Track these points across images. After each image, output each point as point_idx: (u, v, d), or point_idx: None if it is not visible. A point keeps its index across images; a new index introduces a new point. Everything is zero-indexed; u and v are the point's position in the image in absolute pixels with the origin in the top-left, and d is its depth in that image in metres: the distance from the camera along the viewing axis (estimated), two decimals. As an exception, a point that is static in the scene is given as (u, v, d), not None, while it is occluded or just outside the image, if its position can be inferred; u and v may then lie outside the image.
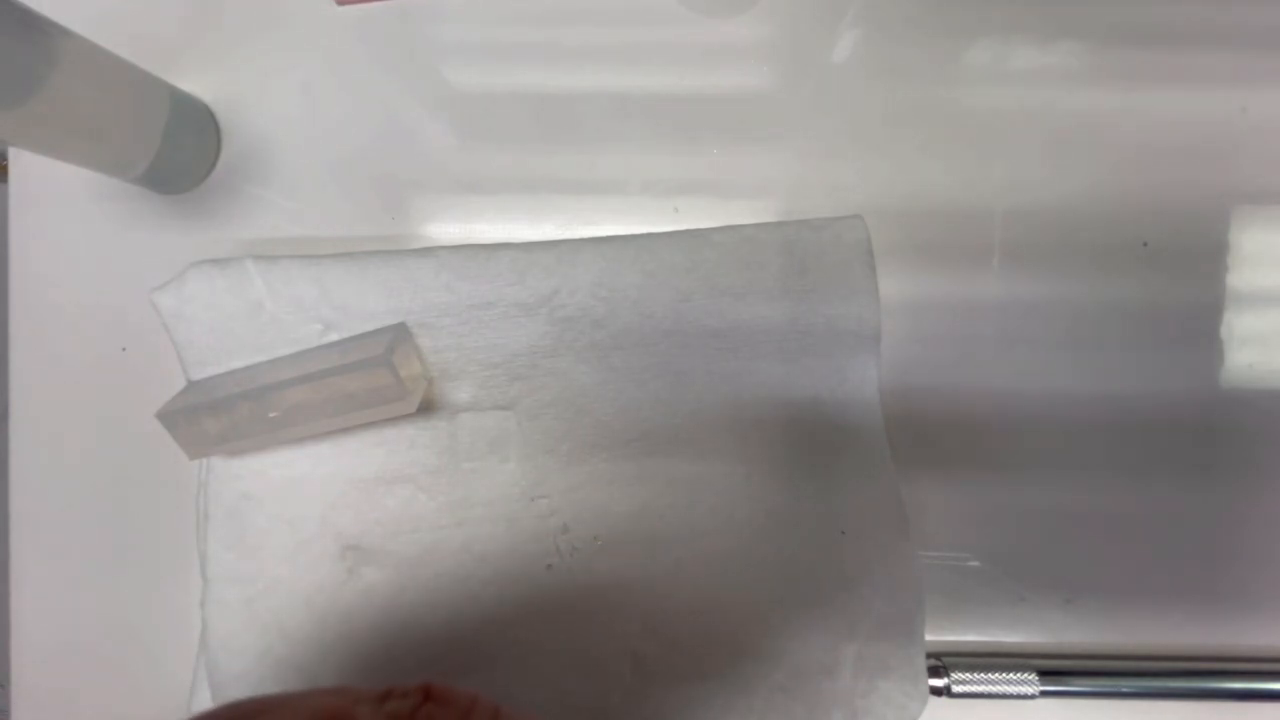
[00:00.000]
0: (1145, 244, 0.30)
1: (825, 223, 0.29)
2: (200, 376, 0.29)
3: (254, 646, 0.28)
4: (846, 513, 0.29)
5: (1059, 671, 0.28)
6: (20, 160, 0.32)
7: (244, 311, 0.29)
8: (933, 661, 0.28)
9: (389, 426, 0.29)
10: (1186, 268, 0.30)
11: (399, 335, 0.28)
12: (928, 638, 0.28)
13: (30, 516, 0.32)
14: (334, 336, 0.29)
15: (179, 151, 0.30)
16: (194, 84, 0.31)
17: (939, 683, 0.28)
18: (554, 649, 0.28)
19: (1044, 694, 0.28)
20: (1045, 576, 0.30)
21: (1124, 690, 0.29)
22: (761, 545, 0.29)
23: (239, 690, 0.28)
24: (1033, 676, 0.28)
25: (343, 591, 0.29)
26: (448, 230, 0.31)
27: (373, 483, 0.29)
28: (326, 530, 0.29)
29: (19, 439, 0.32)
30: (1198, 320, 0.30)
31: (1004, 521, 0.30)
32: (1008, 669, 0.28)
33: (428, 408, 0.29)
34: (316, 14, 0.31)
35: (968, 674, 0.28)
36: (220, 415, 0.27)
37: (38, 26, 0.23)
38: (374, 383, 0.26)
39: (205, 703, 0.29)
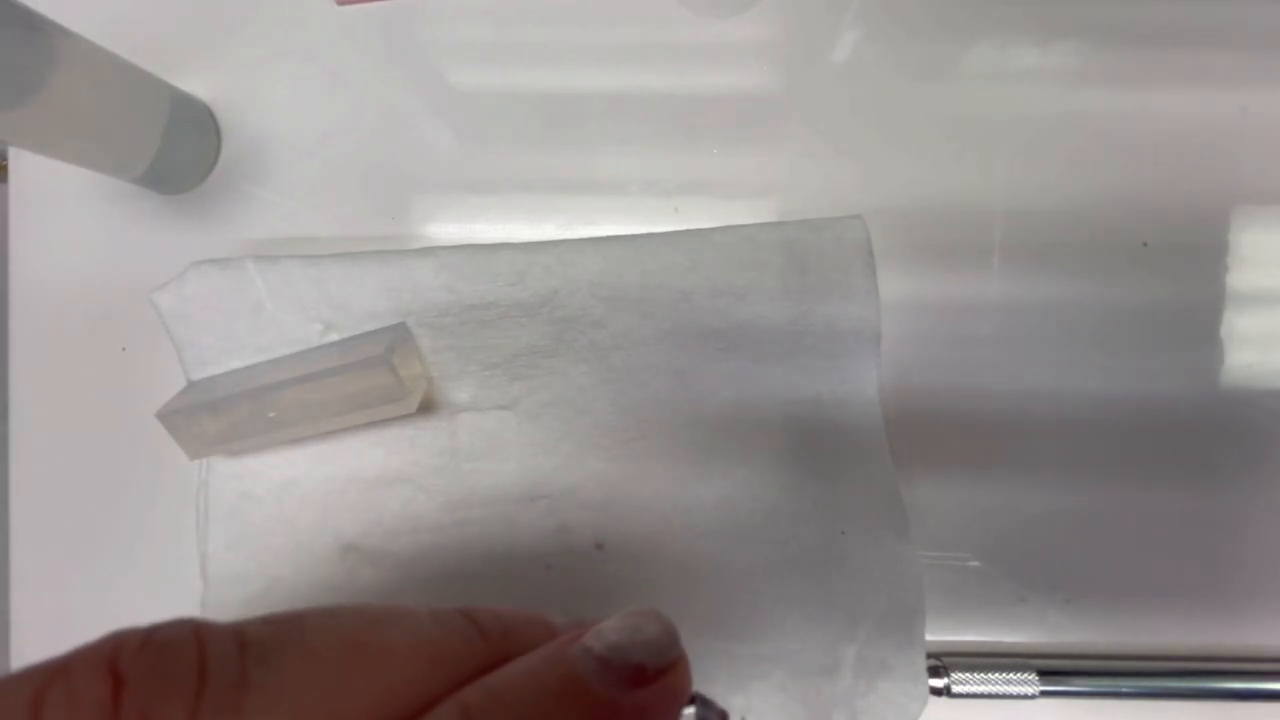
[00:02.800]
0: (1145, 244, 0.30)
1: (825, 223, 0.29)
2: (200, 376, 0.29)
3: (254, 646, 0.28)
4: (846, 513, 0.29)
5: (1059, 671, 0.28)
6: (20, 160, 0.32)
7: (244, 311, 0.29)
8: (933, 661, 0.28)
9: (389, 426, 0.29)
10: (1186, 268, 0.30)
11: (399, 335, 0.28)
12: (928, 638, 0.28)
13: (30, 516, 0.32)
14: (334, 336, 0.29)
15: (179, 151, 0.30)
16: (194, 84, 0.31)
17: (939, 683, 0.28)
18: (554, 649, 0.28)
19: (1044, 694, 0.28)
20: (1045, 576, 0.30)
21: (1124, 690, 0.29)
22: (761, 545, 0.29)
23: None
24: (1033, 676, 0.28)
25: (343, 591, 0.29)
26: (448, 230, 0.31)
27: (373, 483, 0.29)
28: (326, 530, 0.29)
29: (19, 439, 0.32)
30: (1198, 320, 0.30)
31: (1004, 521, 0.30)
32: (1008, 669, 0.28)
33: (428, 408, 0.29)
34: (317, 14, 0.31)
35: (968, 674, 0.28)
36: (220, 415, 0.27)
37: (38, 26, 0.23)
38: (374, 383, 0.26)
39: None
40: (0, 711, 0.09)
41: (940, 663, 0.28)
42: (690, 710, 0.14)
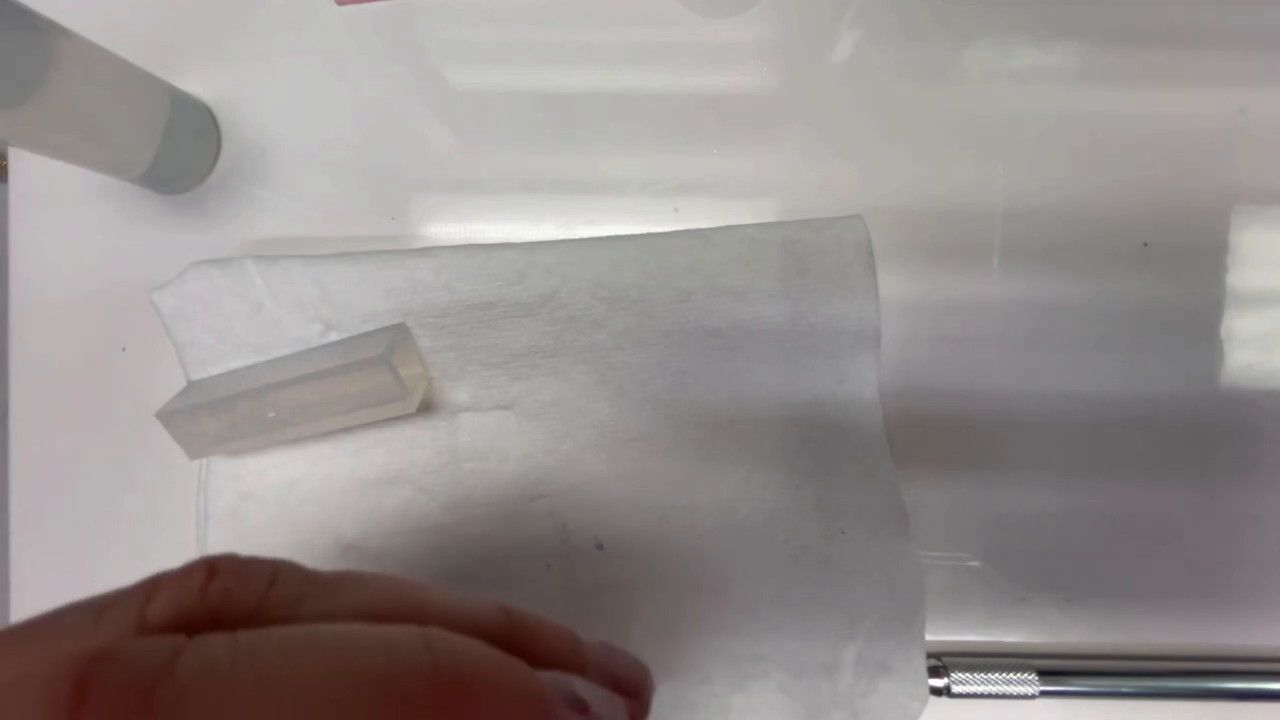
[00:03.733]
0: (1145, 244, 0.30)
1: (825, 223, 0.29)
2: (200, 376, 0.29)
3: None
4: (846, 513, 0.29)
5: (1059, 671, 0.28)
6: (20, 160, 0.32)
7: (244, 311, 0.29)
8: (933, 661, 0.28)
9: (389, 426, 0.29)
10: (1186, 268, 0.30)
11: (399, 335, 0.28)
12: (928, 638, 0.28)
13: (30, 516, 0.32)
14: (334, 336, 0.29)
15: (179, 151, 0.30)
16: (194, 84, 0.31)
17: (939, 683, 0.28)
18: (554, 649, 0.28)
19: (1044, 694, 0.28)
20: (1045, 576, 0.30)
21: (1124, 690, 0.29)
22: (761, 545, 0.29)
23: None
24: (1033, 676, 0.28)
25: (343, 591, 0.29)
26: (448, 230, 0.31)
27: (373, 483, 0.29)
28: (326, 530, 0.29)
29: (19, 439, 0.32)
30: (1198, 320, 0.30)
31: (1004, 521, 0.30)
32: (1008, 669, 0.28)
33: (428, 408, 0.29)
34: (316, 14, 0.31)
35: (968, 674, 0.28)
36: (220, 415, 0.27)
37: (38, 26, 0.23)
38: (374, 383, 0.26)
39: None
40: (131, 591, 0.12)
41: (940, 663, 0.28)
42: None
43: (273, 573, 0.13)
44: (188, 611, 0.12)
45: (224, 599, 0.12)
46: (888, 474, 0.29)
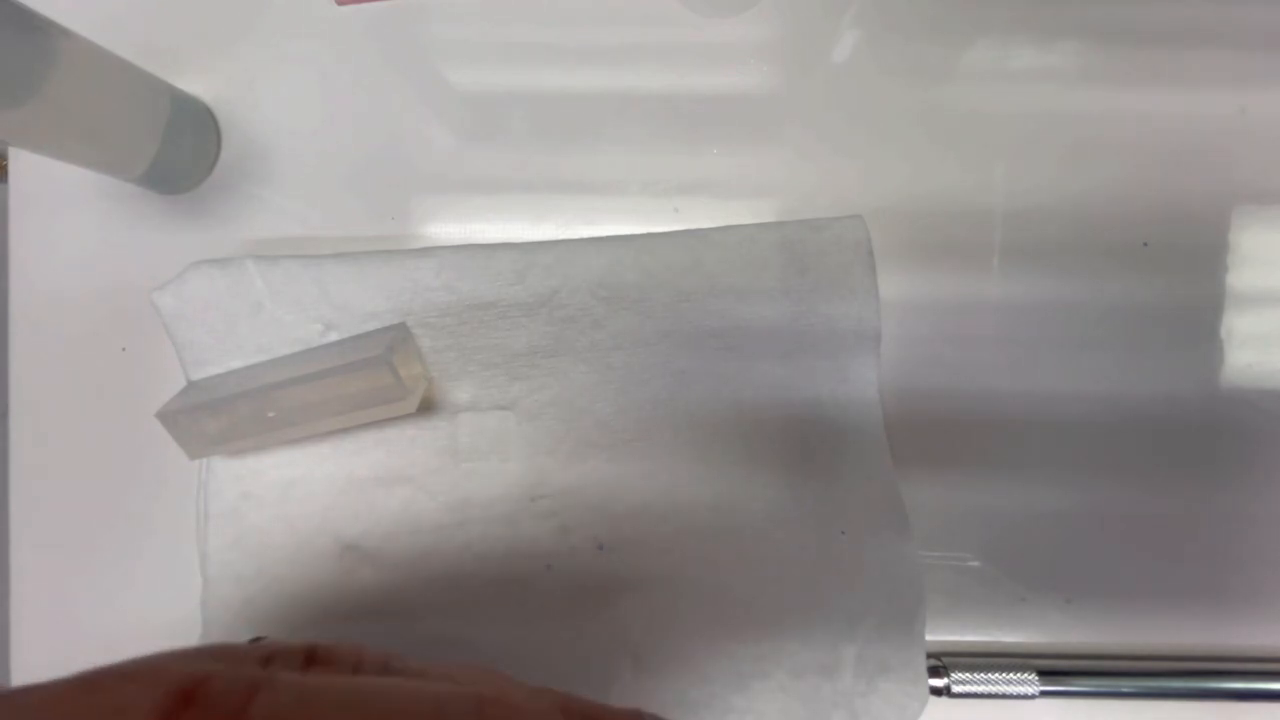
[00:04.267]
0: (1145, 244, 0.30)
1: (825, 223, 0.29)
2: (200, 376, 0.29)
3: (254, 646, 0.28)
4: (846, 513, 0.29)
5: (1059, 671, 0.28)
6: (20, 160, 0.32)
7: (244, 311, 0.29)
8: (933, 661, 0.28)
9: (389, 426, 0.29)
10: (1186, 268, 0.30)
11: (399, 335, 0.28)
12: (928, 638, 0.28)
13: (30, 516, 0.32)
14: (334, 336, 0.29)
15: (179, 151, 0.30)
16: (194, 84, 0.31)
17: (939, 683, 0.28)
18: (553, 649, 0.28)
19: (1044, 694, 0.28)
20: (1045, 576, 0.30)
21: (1124, 690, 0.29)
22: (761, 545, 0.29)
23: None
24: (1033, 676, 0.28)
25: (342, 591, 0.29)
26: (448, 230, 0.31)
27: (372, 483, 0.29)
28: (326, 530, 0.29)
29: (19, 439, 0.32)
30: (1198, 320, 0.30)
31: (1004, 521, 0.30)
32: (1008, 669, 0.28)
33: (428, 408, 0.29)
34: (316, 14, 0.31)
35: (968, 674, 0.28)
36: (220, 415, 0.27)
37: (38, 26, 0.23)
38: (374, 383, 0.26)
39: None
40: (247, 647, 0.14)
41: (940, 663, 0.28)
42: None
43: (357, 660, 0.15)
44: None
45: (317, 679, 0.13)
46: (888, 474, 0.29)
